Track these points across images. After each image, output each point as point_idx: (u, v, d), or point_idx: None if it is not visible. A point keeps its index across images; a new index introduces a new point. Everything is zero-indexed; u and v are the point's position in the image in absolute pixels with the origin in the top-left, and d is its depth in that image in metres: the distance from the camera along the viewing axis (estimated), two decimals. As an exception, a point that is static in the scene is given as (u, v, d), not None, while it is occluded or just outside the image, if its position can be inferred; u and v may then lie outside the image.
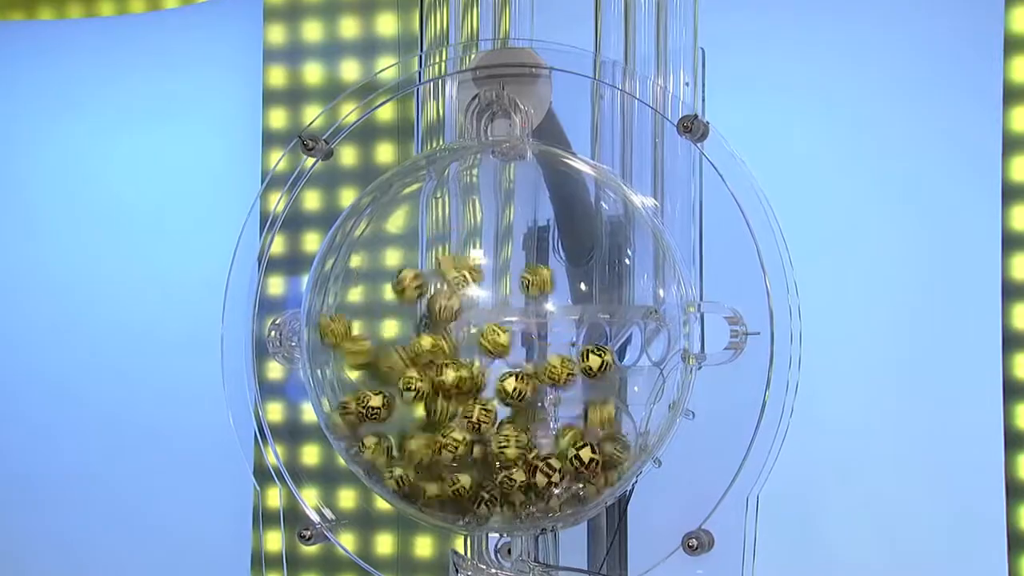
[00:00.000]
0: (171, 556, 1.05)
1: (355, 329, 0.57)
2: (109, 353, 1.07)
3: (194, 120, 1.06)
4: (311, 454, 0.92)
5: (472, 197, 0.60)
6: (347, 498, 0.89)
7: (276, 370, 0.68)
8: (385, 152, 0.92)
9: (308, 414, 0.68)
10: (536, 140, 0.58)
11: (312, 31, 0.97)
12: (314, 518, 0.62)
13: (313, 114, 0.94)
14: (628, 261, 0.59)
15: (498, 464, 0.53)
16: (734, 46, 0.83)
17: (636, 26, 0.62)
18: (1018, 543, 0.81)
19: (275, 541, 0.70)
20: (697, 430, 0.57)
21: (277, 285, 0.68)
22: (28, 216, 1.10)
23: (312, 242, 0.90)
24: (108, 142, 1.09)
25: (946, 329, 0.87)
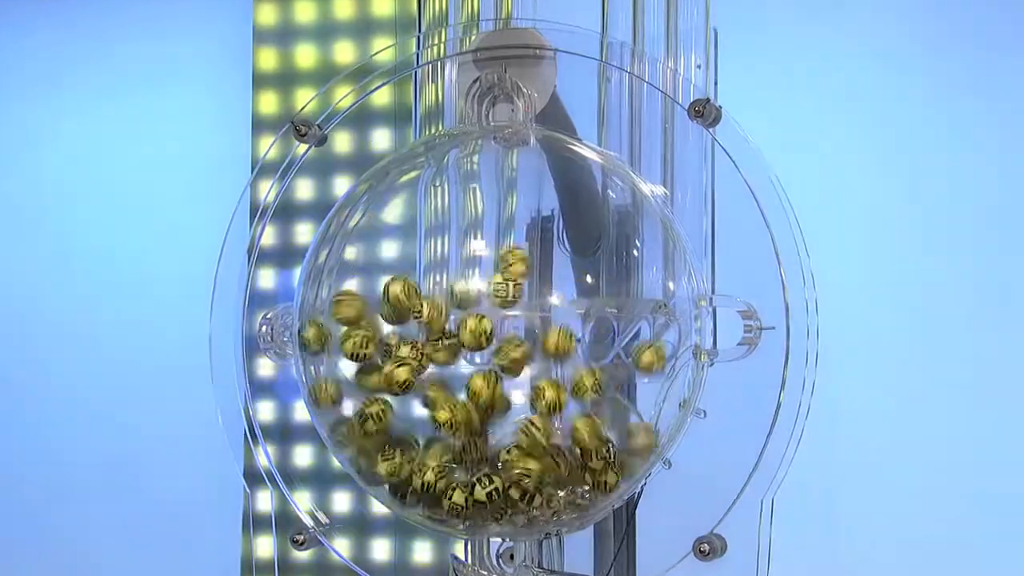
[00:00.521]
0: (158, 561, 1.05)
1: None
2: (91, 349, 1.07)
3: (180, 105, 1.06)
4: (304, 455, 0.92)
5: (473, 185, 0.60)
6: (342, 501, 0.89)
7: (267, 367, 0.68)
8: (381, 138, 0.92)
9: (301, 413, 0.68)
10: (540, 125, 0.58)
11: (304, 11, 0.97)
12: (307, 522, 0.62)
13: (305, 98, 0.94)
14: (636, 252, 0.59)
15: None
16: (748, 26, 0.84)
17: (645, 5, 0.62)
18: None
19: (266, 547, 0.70)
20: (709, 430, 0.58)
21: (268, 278, 0.68)
22: (1, 205, 1.11)
23: (305, 233, 0.90)
24: (88, 129, 1.09)
25: (971, 323, 0.87)
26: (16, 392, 1.10)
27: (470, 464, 0.53)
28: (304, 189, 0.91)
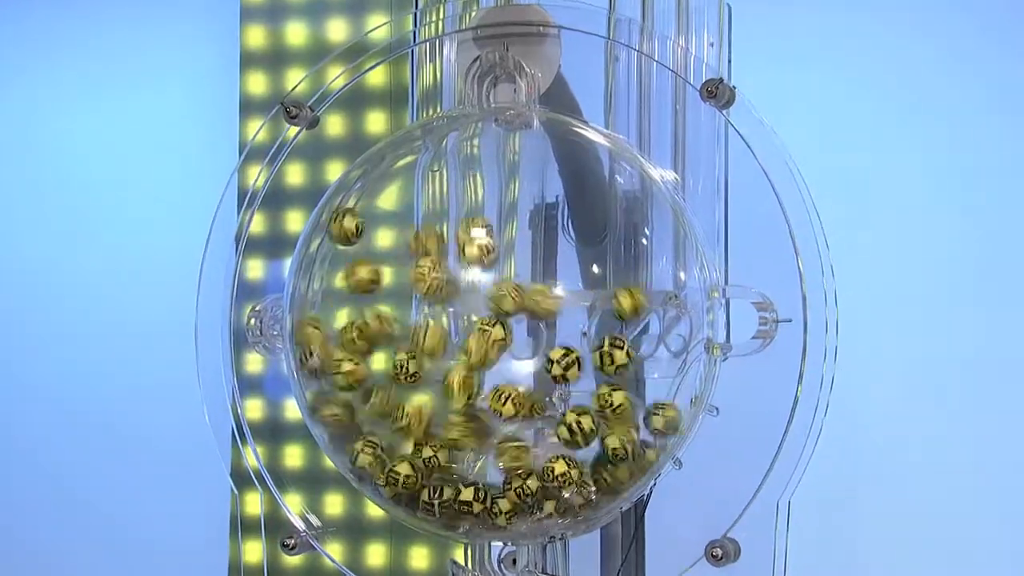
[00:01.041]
0: (140, 567, 1.05)
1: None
2: (71, 345, 1.08)
3: (164, 86, 1.06)
4: (294, 455, 0.92)
5: (473, 171, 0.60)
6: (335, 503, 0.89)
7: (256, 363, 0.69)
8: (376, 121, 0.92)
9: (291, 411, 0.69)
10: (544, 107, 0.59)
11: (295, -14, 0.97)
12: (298, 525, 0.63)
13: (296, 78, 0.94)
14: (645, 241, 0.59)
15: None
16: (763, 2, 0.84)
17: (655, -20, 0.62)
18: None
19: (255, 551, 0.70)
20: (722, 428, 0.58)
21: (257, 268, 0.68)
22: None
23: (295, 221, 0.90)
24: (66, 110, 1.09)
25: (998, 319, 0.87)
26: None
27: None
28: (295, 174, 0.91)
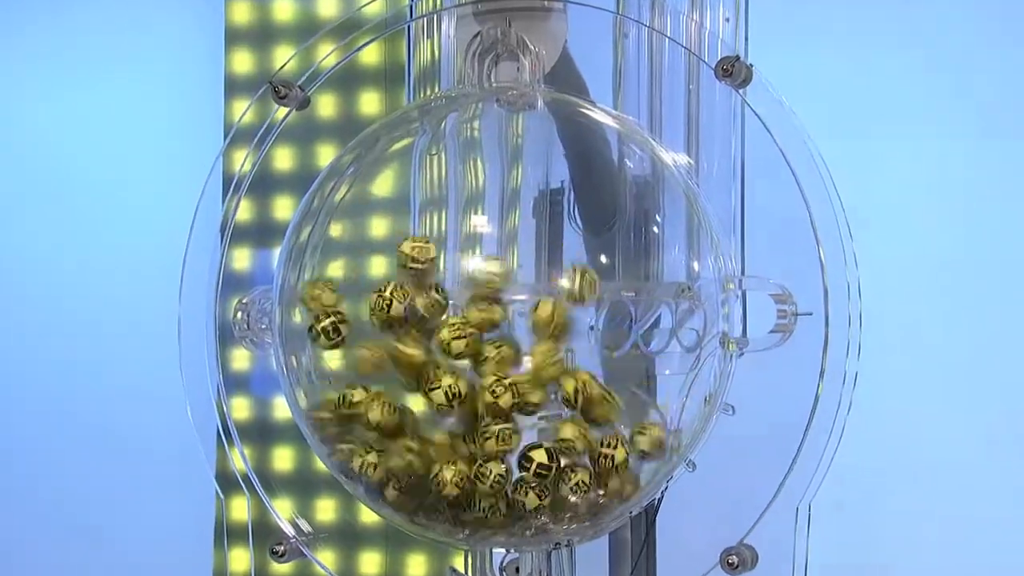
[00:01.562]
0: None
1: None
2: (47, 340, 1.08)
3: (143, 64, 1.06)
4: (284, 457, 0.93)
5: (473, 154, 0.60)
6: (326, 508, 0.90)
7: (243, 358, 0.69)
8: (370, 102, 0.92)
9: (281, 411, 0.69)
10: (548, 87, 0.59)
11: (282, -42, 0.97)
12: (288, 531, 0.63)
13: (285, 56, 0.94)
14: (657, 229, 0.59)
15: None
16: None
17: (667, -50, 0.62)
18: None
19: (242, 559, 0.70)
20: (737, 428, 0.58)
21: (243, 259, 0.68)
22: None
23: (284, 208, 0.91)
24: (40, 92, 1.09)
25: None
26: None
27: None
28: (283, 159, 0.91)
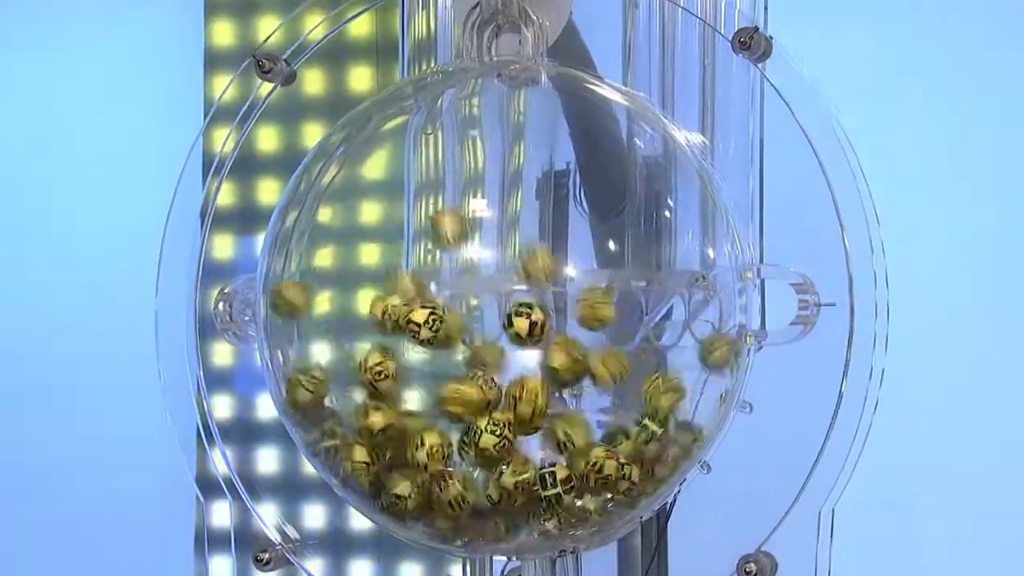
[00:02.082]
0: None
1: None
2: (11, 332, 1.08)
3: (116, 37, 1.06)
4: (269, 459, 0.93)
5: (472, 133, 0.60)
6: (314, 514, 0.90)
7: (225, 353, 0.69)
8: (361, 77, 0.92)
9: (266, 409, 0.69)
10: (553, 61, 0.59)
11: (266, -78, 0.97)
12: (273, 538, 0.63)
13: (269, 28, 0.94)
14: (668, 214, 0.59)
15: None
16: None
17: (679, -86, 0.62)
18: None
19: (223, 568, 0.70)
20: (756, 427, 0.58)
21: (225, 246, 0.69)
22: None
23: (269, 191, 0.91)
24: (4, 66, 1.09)
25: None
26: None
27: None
28: (268, 138, 0.91)
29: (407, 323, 0.53)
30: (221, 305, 0.61)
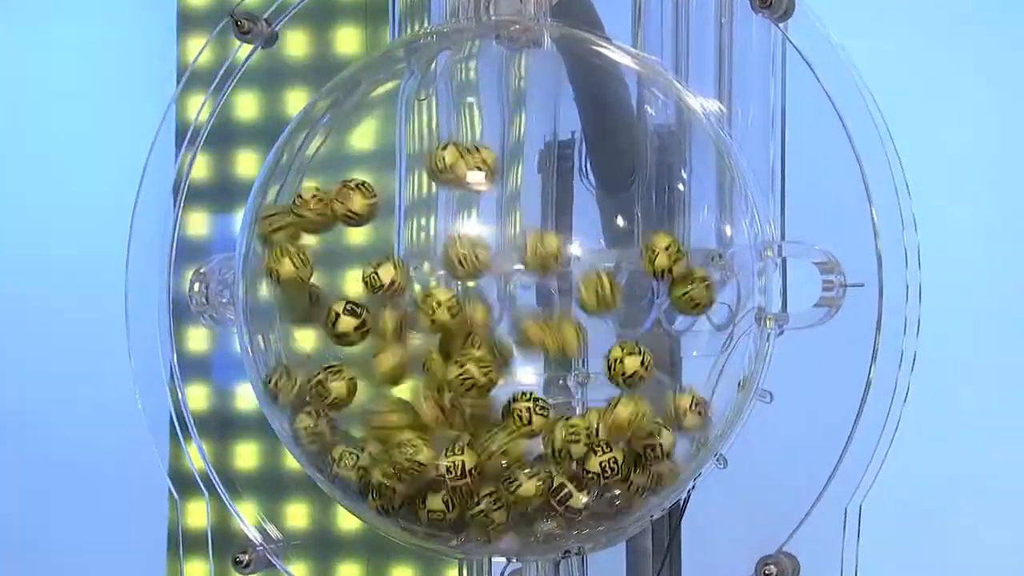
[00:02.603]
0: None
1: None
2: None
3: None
4: (248, 454, 0.93)
5: (469, 100, 0.60)
6: (297, 513, 0.90)
7: (201, 338, 0.69)
8: (347, 38, 0.92)
9: (245, 400, 0.69)
10: (557, 21, 0.58)
11: None
12: (254, 537, 0.63)
13: (247, -13, 0.94)
14: (682, 187, 0.59)
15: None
16: None
17: None
18: None
19: (199, 571, 0.70)
20: (776, 417, 0.58)
21: (201, 223, 0.68)
22: None
23: (248, 164, 0.91)
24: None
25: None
26: None
27: None
28: (247, 106, 0.91)
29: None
30: (197, 286, 0.61)
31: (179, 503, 0.67)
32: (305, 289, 0.56)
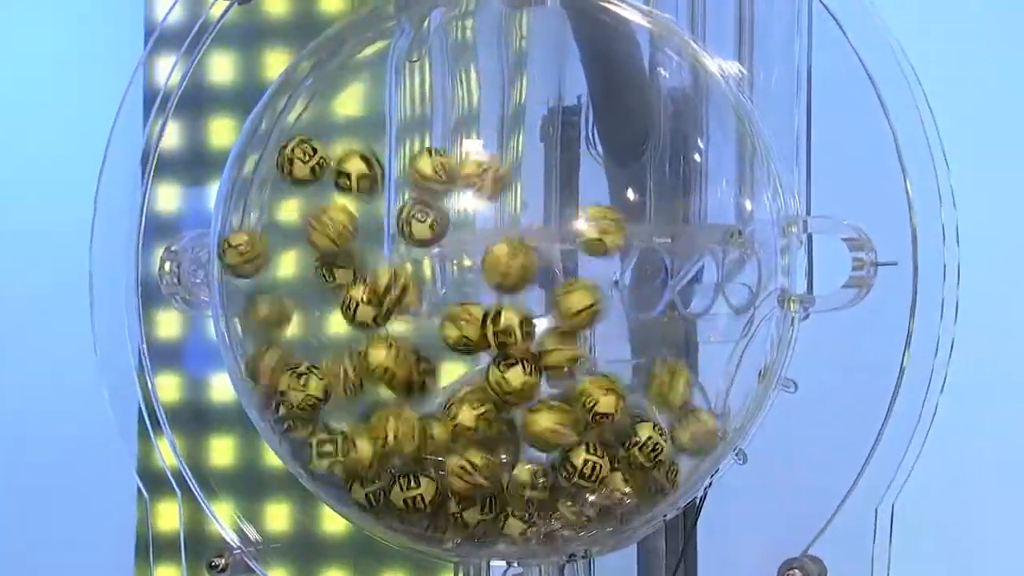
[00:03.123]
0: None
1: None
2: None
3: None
4: (224, 449, 0.93)
5: (465, 61, 0.60)
6: (278, 514, 0.90)
7: (172, 323, 0.69)
8: (332, -6, 0.92)
9: (221, 391, 0.69)
10: (562, -25, 0.58)
11: None
12: (231, 540, 0.63)
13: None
14: (699, 157, 0.59)
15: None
16: None
17: None
18: None
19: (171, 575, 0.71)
20: (800, 409, 0.58)
21: (171, 196, 0.68)
22: None
23: (224, 132, 0.91)
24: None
25: None
26: None
27: None
28: (222, 68, 0.91)
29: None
30: (168, 265, 0.61)
31: (148, 503, 0.67)
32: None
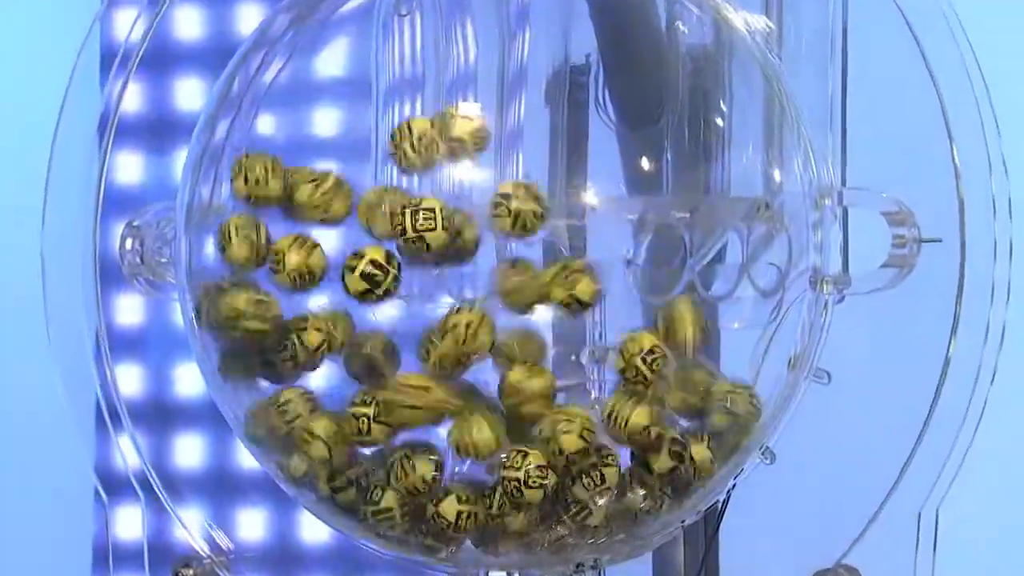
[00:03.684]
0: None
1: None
2: None
3: None
4: (192, 448, 0.93)
5: (461, 16, 0.59)
6: (252, 520, 0.90)
7: (134, 308, 0.69)
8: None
9: (188, 384, 0.69)
10: (568, -81, 0.58)
11: None
12: (200, 549, 0.63)
13: None
14: (721, 122, 0.59)
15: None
16: None
17: None
18: None
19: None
20: (834, 402, 0.58)
21: (133, 166, 0.68)
22: None
23: (191, 93, 0.90)
24: None
25: None
26: None
27: None
28: (188, 23, 0.91)
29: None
30: (129, 242, 0.61)
31: (107, 507, 0.67)
32: None
